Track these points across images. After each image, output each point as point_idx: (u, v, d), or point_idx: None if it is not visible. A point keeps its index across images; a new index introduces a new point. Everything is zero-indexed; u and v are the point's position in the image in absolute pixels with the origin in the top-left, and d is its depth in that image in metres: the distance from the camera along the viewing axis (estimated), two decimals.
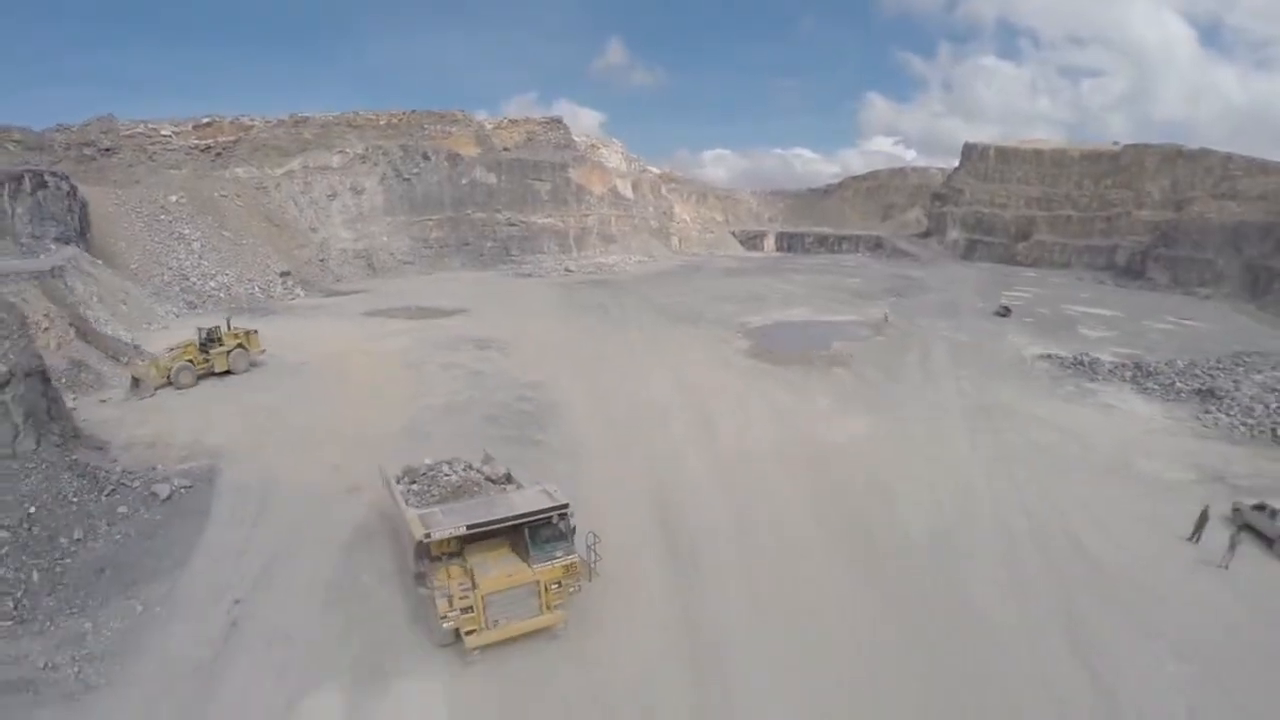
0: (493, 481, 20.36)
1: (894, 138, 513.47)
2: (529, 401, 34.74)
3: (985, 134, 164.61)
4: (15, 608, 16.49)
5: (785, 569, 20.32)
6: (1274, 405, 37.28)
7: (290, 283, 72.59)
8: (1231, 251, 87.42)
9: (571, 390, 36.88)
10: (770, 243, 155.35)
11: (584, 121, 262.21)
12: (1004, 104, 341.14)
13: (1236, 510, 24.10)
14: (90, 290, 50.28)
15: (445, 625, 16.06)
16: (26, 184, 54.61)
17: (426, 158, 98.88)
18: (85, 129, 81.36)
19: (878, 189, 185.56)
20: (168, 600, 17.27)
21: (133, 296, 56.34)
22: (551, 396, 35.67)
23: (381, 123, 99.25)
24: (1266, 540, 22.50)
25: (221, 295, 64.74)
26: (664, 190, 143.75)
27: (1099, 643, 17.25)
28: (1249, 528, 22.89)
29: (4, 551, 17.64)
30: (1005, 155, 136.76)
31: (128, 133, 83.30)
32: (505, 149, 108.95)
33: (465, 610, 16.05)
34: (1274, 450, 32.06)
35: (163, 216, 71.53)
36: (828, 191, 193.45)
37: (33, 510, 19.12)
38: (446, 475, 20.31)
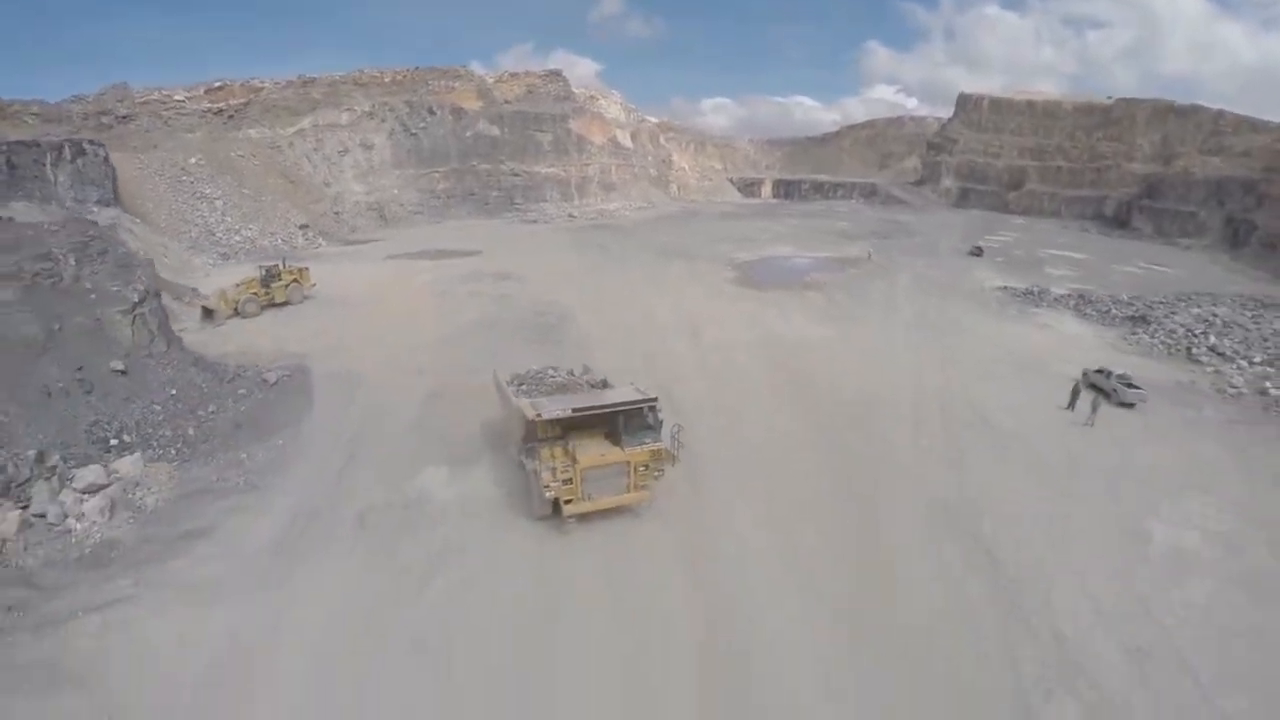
0: (591, 385, 22.80)
1: (895, 86, 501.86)
2: (547, 316, 41.32)
3: (988, 84, 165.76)
4: (176, 454, 22.84)
5: (746, 412, 27.51)
6: (1199, 331, 42.05)
7: (311, 234, 77.58)
8: (1214, 205, 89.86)
9: (582, 309, 43.27)
10: (767, 190, 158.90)
11: (581, 72, 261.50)
12: (1007, 54, 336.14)
13: (1084, 374, 30.63)
14: (137, 245, 55.30)
15: (547, 495, 18.73)
16: (66, 152, 58.38)
17: (432, 112, 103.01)
18: (101, 98, 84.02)
19: (875, 138, 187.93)
20: (299, 439, 23.99)
21: (172, 250, 61.42)
22: (565, 313, 42.12)
23: (387, 80, 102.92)
24: (1106, 394, 28.98)
25: (248, 248, 69.25)
26: (662, 139, 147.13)
27: (968, 460, 24.05)
28: (1095, 387, 29.28)
29: (160, 419, 23.98)
30: (999, 106, 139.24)
31: (142, 100, 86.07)
32: (507, 102, 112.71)
33: (565, 482, 18.61)
34: (1183, 364, 37.31)
35: (184, 178, 75.60)
36: (825, 140, 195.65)
37: (174, 393, 25.43)
38: (552, 376, 23.19)
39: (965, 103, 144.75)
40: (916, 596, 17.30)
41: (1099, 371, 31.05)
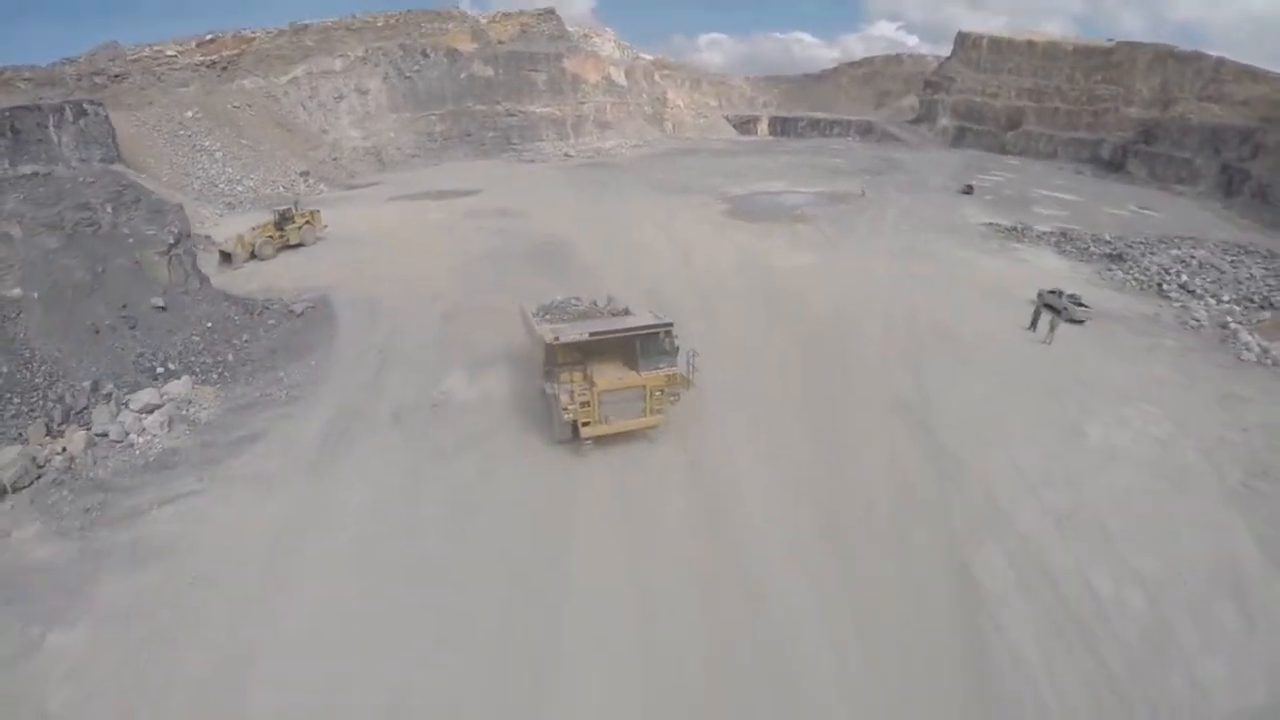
0: (613, 313, 22.99)
1: (897, 23, 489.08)
2: (549, 247, 44.01)
3: (991, 23, 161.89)
4: (219, 377, 25.53)
5: (736, 328, 30.63)
6: (1173, 270, 42.88)
7: (311, 181, 78.45)
8: (1210, 152, 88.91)
9: (582, 241, 45.84)
10: (763, 127, 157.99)
11: (575, 8, 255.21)
12: None
13: (1040, 294, 33.33)
14: None
15: (566, 417, 19.49)
16: (68, 114, 58.87)
17: (426, 55, 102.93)
18: (92, 58, 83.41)
19: (873, 75, 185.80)
20: (330, 359, 26.99)
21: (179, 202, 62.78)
22: (567, 245, 44.73)
23: (379, 24, 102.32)
24: (1057, 312, 31.54)
25: (251, 198, 69.84)
26: (657, 77, 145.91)
27: (930, 368, 27.14)
28: (1049, 307, 31.81)
29: (200, 348, 26.64)
30: (998, 45, 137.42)
31: (134, 57, 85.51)
32: (500, 42, 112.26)
33: (583, 405, 19.47)
34: (1152, 299, 38.50)
35: (182, 132, 75.70)
36: (823, 77, 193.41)
37: (210, 325, 28.05)
38: (574, 305, 23.66)
39: (964, 41, 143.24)
40: (871, 472, 20.36)
41: (1053, 292, 33.79)
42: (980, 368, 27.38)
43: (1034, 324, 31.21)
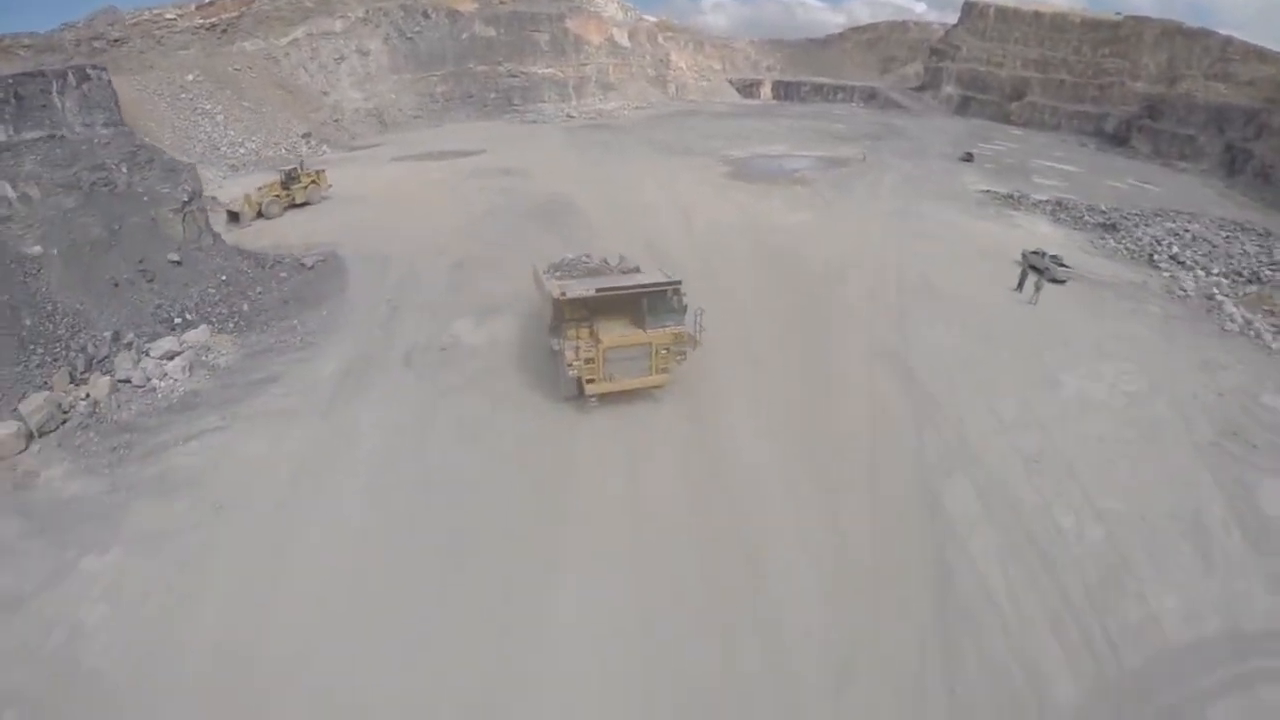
0: (624, 272, 22.96)
1: None
2: (553, 205, 44.71)
3: None
4: (235, 327, 26.64)
5: (732, 280, 31.59)
6: (1166, 242, 43.13)
7: (313, 142, 78.49)
8: (1214, 131, 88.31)
9: (584, 198, 46.48)
10: (766, 91, 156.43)
11: None
12: None
13: (1024, 255, 34.22)
14: None
15: (570, 373, 19.58)
16: (71, 79, 59.65)
17: (426, 15, 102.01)
18: (91, 24, 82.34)
19: (878, 41, 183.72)
20: (342, 307, 28.22)
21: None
22: (569, 202, 45.41)
23: None
24: (1040, 272, 32.46)
25: (254, 160, 69.78)
26: (660, 39, 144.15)
27: (912, 319, 28.55)
28: (1033, 268, 32.69)
29: (216, 300, 27.75)
30: (1005, 15, 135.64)
31: (133, 21, 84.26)
32: (502, 2, 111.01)
33: (588, 361, 19.48)
34: (1142, 268, 38.79)
35: (183, 95, 75.14)
36: (827, 42, 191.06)
37: (224, 278, 29.10)
38: (585, 262, 23.74)
39: (971, 10, 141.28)
40: (852, 410, 21.82)
41: (1035, 252, 34.65)
42: (962, 320, 28.45)
43: (1021, 284, 32.03)
